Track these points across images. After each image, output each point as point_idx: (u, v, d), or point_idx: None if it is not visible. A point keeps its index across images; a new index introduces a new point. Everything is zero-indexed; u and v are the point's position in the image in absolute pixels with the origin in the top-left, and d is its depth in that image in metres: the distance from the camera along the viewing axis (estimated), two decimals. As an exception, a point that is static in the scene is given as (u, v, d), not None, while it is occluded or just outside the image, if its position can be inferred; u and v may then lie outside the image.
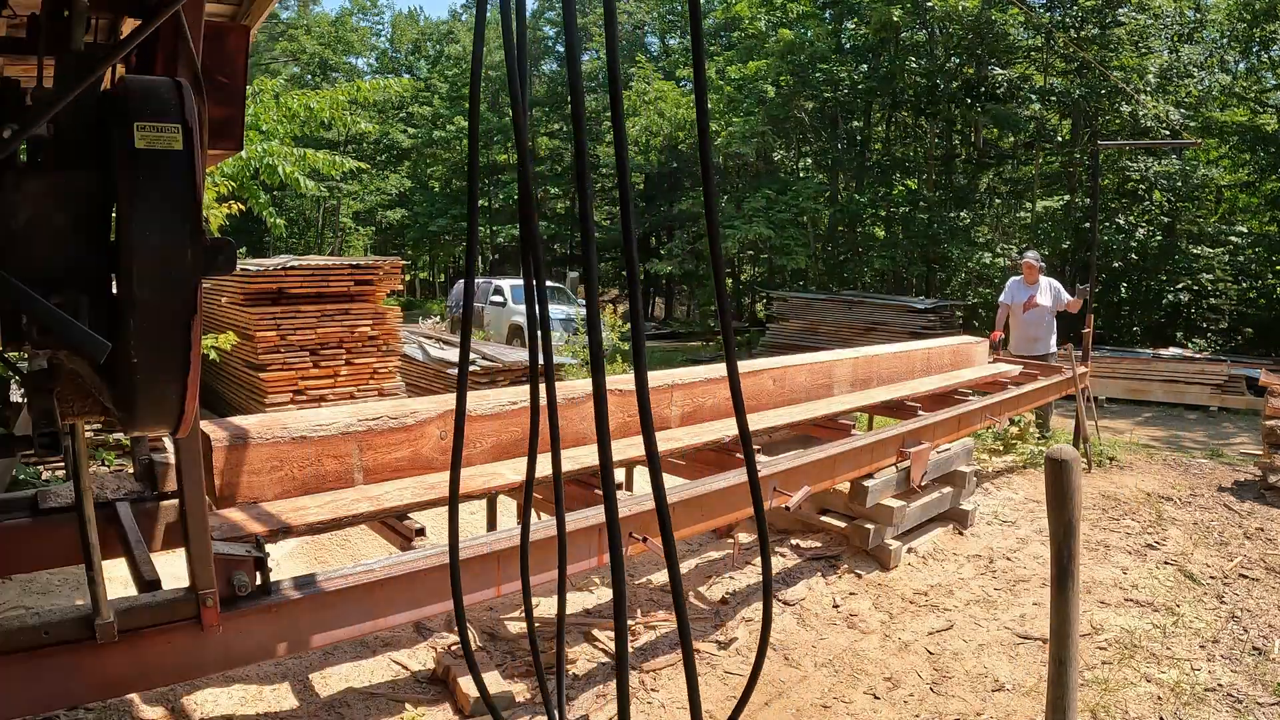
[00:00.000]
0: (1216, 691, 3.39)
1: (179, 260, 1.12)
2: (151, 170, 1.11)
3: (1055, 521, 2.19)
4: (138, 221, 1.09)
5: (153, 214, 1.10)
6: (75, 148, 1.21)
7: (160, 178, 1.11)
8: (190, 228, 1.13)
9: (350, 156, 9.31)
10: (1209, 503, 6.28)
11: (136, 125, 1.10)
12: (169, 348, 1.13)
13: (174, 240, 1.11)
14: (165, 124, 1.12)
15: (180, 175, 1.12)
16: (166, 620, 1.88)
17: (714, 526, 3.38)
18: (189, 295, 1.14)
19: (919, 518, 4.88)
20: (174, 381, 1.16)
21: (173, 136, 1.12)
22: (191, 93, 1.20)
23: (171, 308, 1.12)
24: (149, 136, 1.11)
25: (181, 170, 1.13)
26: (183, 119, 1.14)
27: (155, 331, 1.12)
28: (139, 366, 1.12)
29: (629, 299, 0.98)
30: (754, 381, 4.28)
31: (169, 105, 1.14)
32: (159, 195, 1.11)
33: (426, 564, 2.30)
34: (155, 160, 1.11)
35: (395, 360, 7.87)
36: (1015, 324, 8.09)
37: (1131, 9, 16.15)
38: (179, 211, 1.12)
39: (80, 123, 1.21)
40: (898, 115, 21.35)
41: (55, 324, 1.08)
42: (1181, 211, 16.77)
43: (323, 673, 3.15)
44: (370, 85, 8.88)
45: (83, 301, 1.14)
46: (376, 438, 2.69)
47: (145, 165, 1.10)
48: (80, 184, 1.17)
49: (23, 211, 1.12)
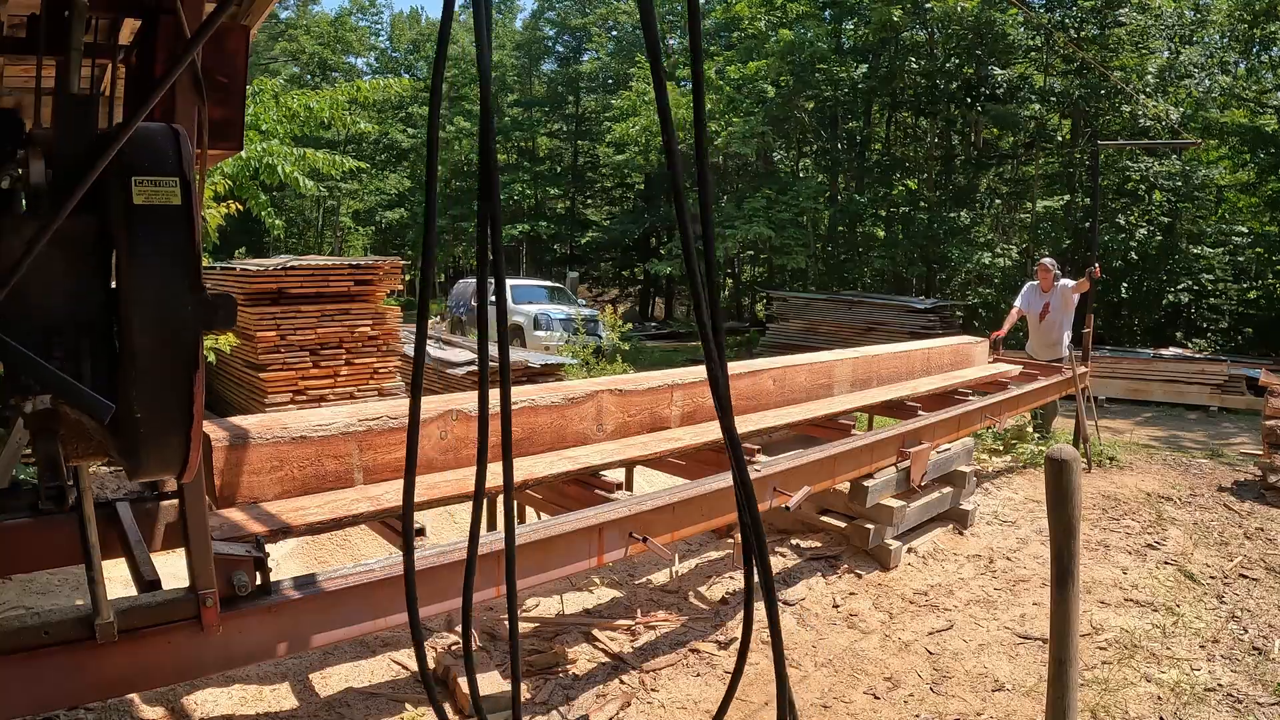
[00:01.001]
0: (1216, 691, 3.39)
1: (179, 317, 1.12)
2: (151, 226, 1.11)
3: (1055, 521, 2.19)
4: (137, 278, 1.10)
5: (152, 271, 1.11)
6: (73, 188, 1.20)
7: (160, 234, 1.12)
8: (190, 283, 1.13)
9: (350, 156, 9.32)
10: (1209, 503, 6.28)
11: (135, 180, 1.11)
12: (171, 402, 1.14)
13: (174, 297, 1.12)
14: (163, 178, 1.13)
15: (179, 231, 1.13)
16: (166, 620, 1.88)
17: (714, 526, 3.38)
18: (190, 351, 1.14)
19: (919, 518, 4.88)
20: (177, 433, 1.17)
21: (170, 191, 1.13)
22: (188, 141, 1.21)
23: (173, 363, 1.13)
24: (147, 191, 1.11)
25: (180, 226, 1.13)
26: (180, 172, 1.14)
27: (157, 387, 1.13)
28: (143, 420, 1.13)
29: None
30: (754, 381, 4.28)
31: (167, 158, 1.14)
32: (158, 251, 1.11)
33: (426, 564, 2.30)
34: (154, 216, 1.11)
35: (395, 360, 7.87)
36: (1034, 332, 8.09)
37: (1132, 9, 16.15)
38: (178, 267, 1.12)
39: (78, 165, 1.19)
40: (898, 115, 21.37)
41: (60, 388, 1.08)
42: (1181, 211, 16.78)
43: (323, 673, 3.15)
44: (370, 85, 8.89)
45: (84, 348, 1.14)
46: (376, 438, 2.69)
47: (144, 221, 1.11)
48: (80, 231, 1.16)
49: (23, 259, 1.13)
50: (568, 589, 4.04)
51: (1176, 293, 16.08)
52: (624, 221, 30.43)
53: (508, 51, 34.40)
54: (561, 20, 34.78)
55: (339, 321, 7.45)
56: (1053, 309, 7.83)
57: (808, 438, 4.51)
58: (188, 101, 1.90)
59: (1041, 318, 7.92)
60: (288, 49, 35.12)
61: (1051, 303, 7.83)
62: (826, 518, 4.76)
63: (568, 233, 32.44)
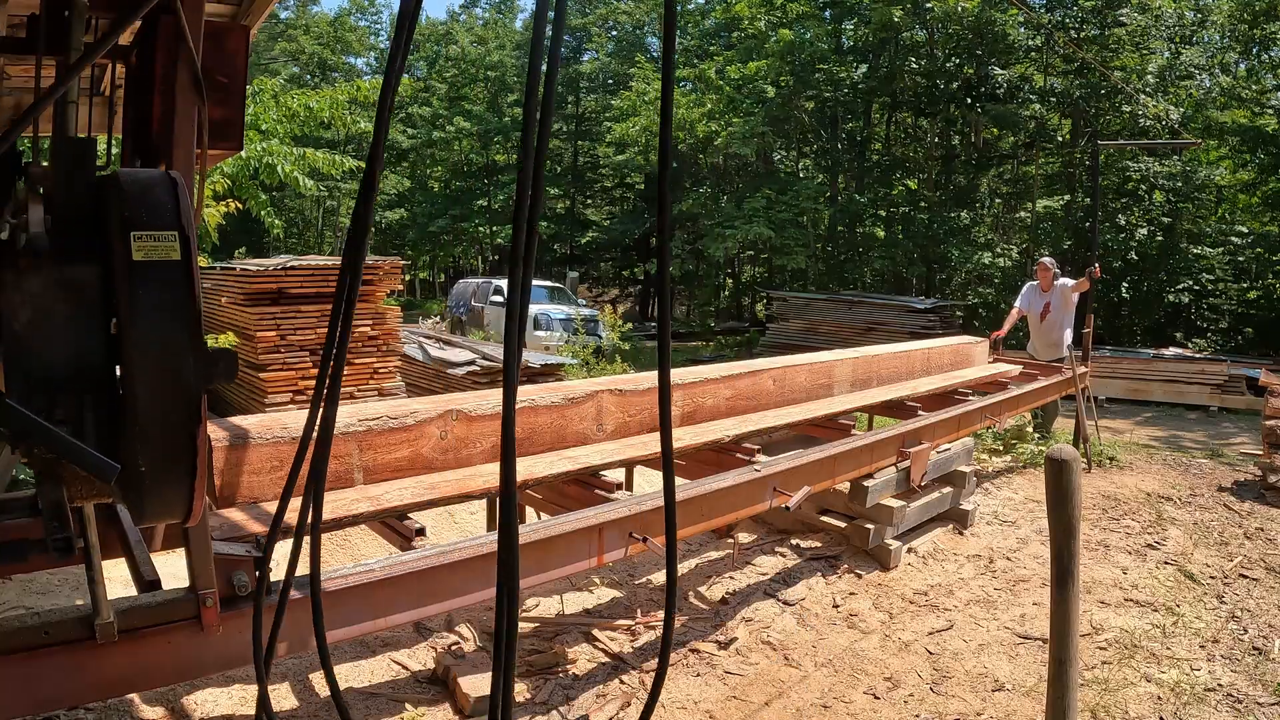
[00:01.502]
0: (1216, 691, 3.39)
1: (181, 372, 1.13)
2: (151, 282, 1.11)
3: (1055, 521, 2.19)
4: (139, 335, 1.10)
5: (154, 328, 1.11)
6: (73, 239, 1.20)
7: (160, 290, 1.12)
8: (191, 339, 1.14)
9: (350, 156, 9.32)
10: (1209, 503, 6.28)
11: (134, 236, 1.11)
12: (175, 456, 1.15)
13: (175, 353, 1.12)
14: (162, 232, 1.13)
15: (179, 287, 1.13)
16: (166, 620, 1.88)
17: (714, 526, 3.38)
18: (193, 406, 1.15)
19: (919, 518, 4.88)
20: (182, 484, 1.17)
21: (170, 246, 1.13)
22: (185, 189, 1.20)
23: (176, 419, 1.14)
24: (147, 247, 1.11)
25: (181, 281, 1.13)
26: (179, 226, 1.14)
27: (161, 442, 1.13)
28: (147, 473, 1.13)
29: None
30: (754, 381, 4.28)
31: (165, 211, 1.14)
32: (159, 308, 1.12)
33: (426, 564, 2.30)
34: (154, 272, 1.11)
35: (395, 360, 7.87)
36: (1034, 332, 8.10)
37: (1132, 9, 16.15)
38: (179, 323, 1.13)
39: (78, 213, 1.20)
40: (898, 115, 21.37)
41: (67, 451, 1.09)
42: (1181, 212, 16.78)
43: (323, 673, 3.15)
44: (369, 85, 8.89)
45: (87, 403, 1.15)
46: (376, 438, 2.69)
47: (144, 277, 1.11)
48: (80, 280, 1.16)
49: (24, 312, 1.12)
50: (568, 589, 4.04)
51: (1176, 293, 16.08)
52: (624, 221, 30.44)
53: (508, 51, 34.39)
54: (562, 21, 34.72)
55: (339, 321, 7.43)
56: (1053, 308, 7.84)
57: (808, 438, 4.51)
58: (188, 101, 1.90)
59: (1042, 317, 7.92)
60: (287, 49, 35.13)
61: (1052, 302, 7.83)
62: (826, 518, 4.76)
63: (568, 233, 32.45)
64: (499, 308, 16.60)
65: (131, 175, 1.18)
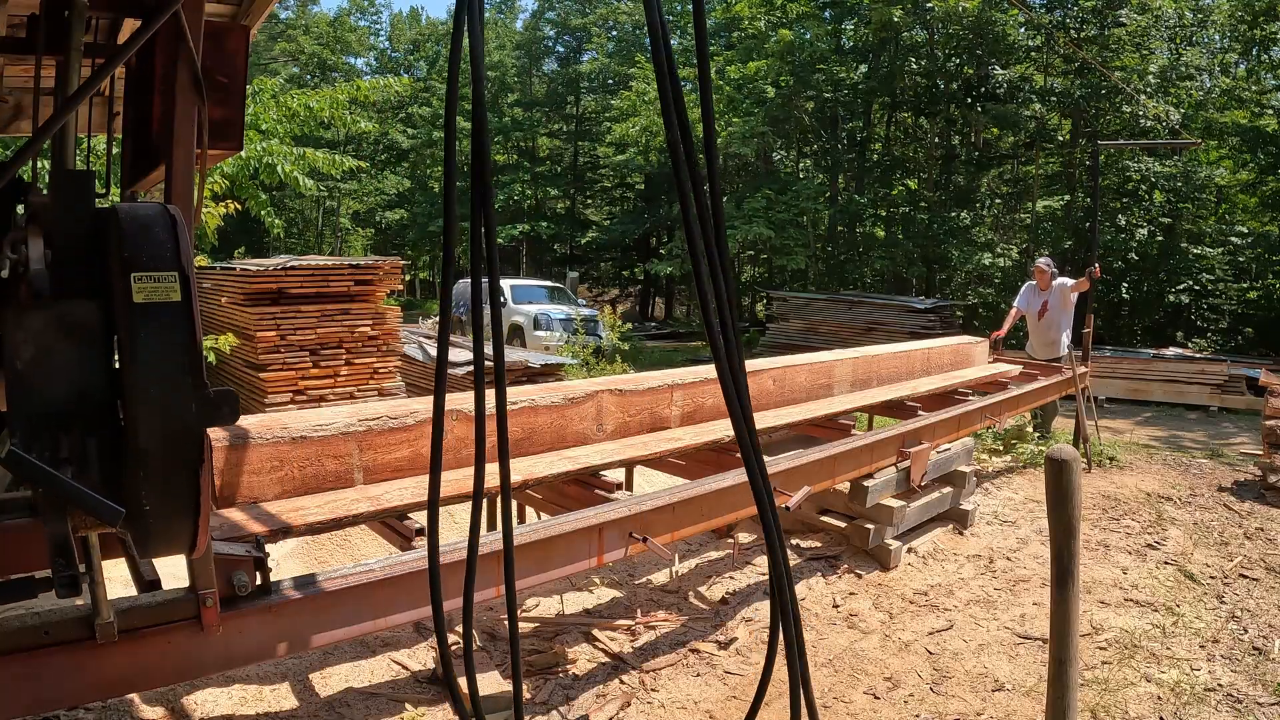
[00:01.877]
0: (1216, 691, 3.39)
1: (183, 414, 1.14)
2: (152, 325, 1.12)
3: (1055, 521, 2.19)
4: (141, 378, 1.11)
5: (155, 371, 1.12)
6: (74, 276, 1.20)
7: (161, 332, 1.12)
8: (192, 380, 1.14)
9: (350, 156, 9.33)
10: (1209, 503, 6.28)
11: (134, 277, 1.11)
12: (179, 495, 1.16)
13: (177, 395, 1.13)
14: (163, 273, 1.13)
15: (180, 329, 1.14)
16: (166, 620, 1.88)
17: (714, 526, 3.38)
18: (196, 447, 1.16)
19: (919, 518, 4.88)
20: (186, 522, 1.18)
21: (170, 288, 1.13)
22: (184, 224, 1.21)
23: (179, 460, 1.15)
24: (147, 289, 1.12)
25: (182, 323, 1.14)
26: (179, 266, 1.14)
27: (165, 482, 1.14)
28: (152, 512, 1.15)
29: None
30: (754, 381, 4.28)
31: (165, 251, 1.15)
32: (161, 351, 1.12)
33: (426, 564, 2.30)
34: (155, 314, 1.12)
35: (395, 360, 7.86)
36: (1033, 331, 8.11)
37: (1131, 9, 16.15)
38: (181, 365, 1.14)
39: (78, 249, 1.21)
40: (898, 115, 21.37)
41: (74, 498, 1.10)
42: (1182, 212, 16.78)
43: (323, 673, 3.15)
44: (369, 85, 8.89)
45: (91, 444, 1.16)
46: (376, 438, 2.69)
47: (146, 319, 1.11)
48: (82, 319, 1.17)
49: (27, 350, 1.13)
50: (568, 589, 4.04)
51: (1177, 293, 16.08)
52: (624, 222, 30.43)
53: (508, 51, 34.40)
54: (561, 20, 34.79)
55: (339, 321, 7.44)
56: (1051, 308, 7.84)
57: (808, 438, 4.51)
58: (188, 101, 1.90)
59: (1040, 316, 7.93)
60: (287, 49, 35.13)
61: (1049, 302, 7.84)
62: (826, 518, 4.76)
63: (568, 233, 32.45)
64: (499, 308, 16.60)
65: (130, 213, 1.18)
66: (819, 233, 20.71)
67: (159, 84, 2.23)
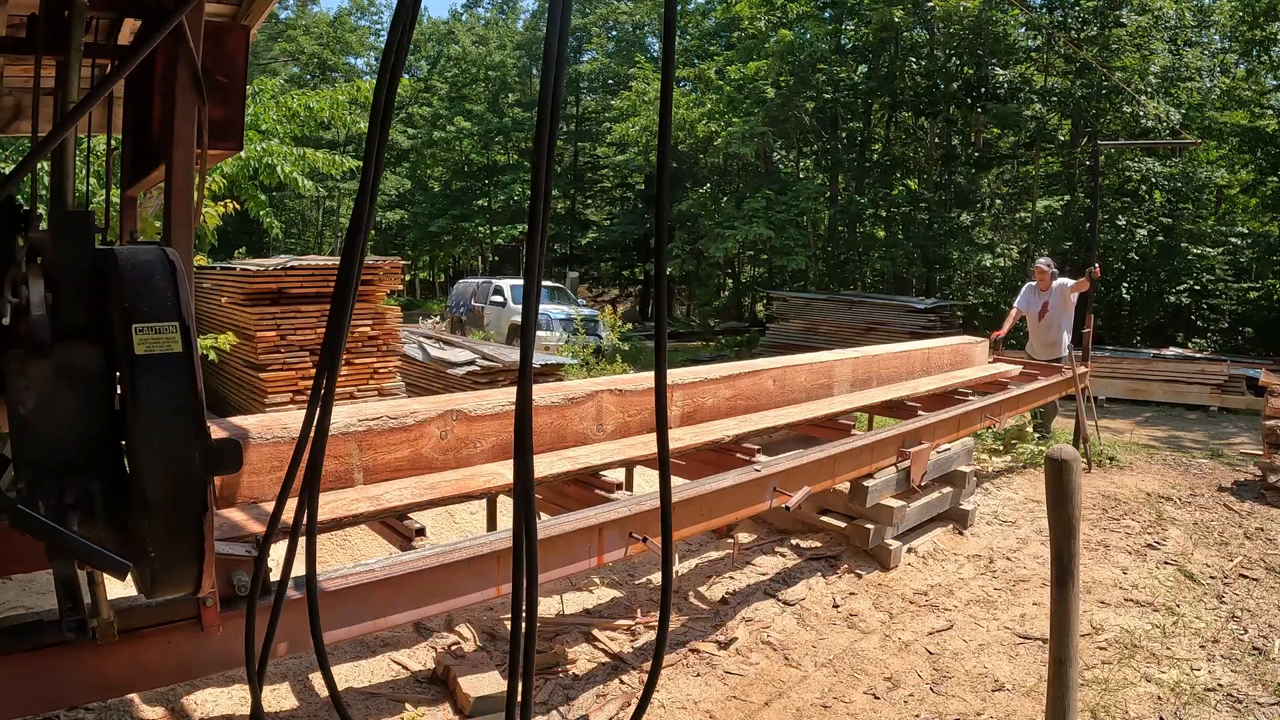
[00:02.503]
0: (1216, 691, 3.39)
1: (187, 465, 1.15)
2: (153, 376, 1.13)
3: (1055, 521, 2.19)
4: (143, 429, 1.12)
5: (158, 422, 1.13)
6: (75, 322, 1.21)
7: (163, 383, 1.13)
8: (195, 430, 1.16)
9: (350, 156, 9.32)
10: (1209, 503, 6.28)
11: (135, 329, 1.12)
12: (184, 541, 1.18)
13: (181, 446, 1.14)
14: (163, 324, 1.14)
15: (182, 379, 1.15)
16: (166, 620, 1.88)
17: (714, 526, 3.38)
18: (199, 494, 1.17)
19: (919, 518, 4.88)
20: (190, 564, 1.20)
21: (171, 339, 1.14)
22: (183, 271, 1.21)
23: (183, 508, 1.16)
24: (148, 340, 1.13)
25: (183, 374, 1.15)
26: (180, 316, 1.15)
27: (169, 530, 1.16)
28: (157, 558, 1.16)
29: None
30: (754, 381, 4.28)
31: (165, 302, 1.16)
32: (163, 402, 1.13)
33: (426, 564, 2.30)
34: (156, 365, 1.13)
35: (395, 360, 7.87)
36: (1033, 331, 8.11)
37: (1131, 9, 16.15)
38: (183, 416, 1.15)
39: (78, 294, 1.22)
40: (898, 115, 21.36)
41: (82, 555, 1.11)
42: (1182, 212, 16.79)
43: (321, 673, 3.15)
44: (369, 85, 8.88)
45: (95, 485, 1.17)
46: (376, 438, 2.69)
47: (147, 371, 1.12)
48: (84, 366, 1.18)
49: (29, 398, 1.14)
50: (568, 589, 4.04)
51: (1177, 294, 16.08)
52: (624, 222, 30.45)
53: (509, 51, 34.40)
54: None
55: (339, 321, 7.43)
56: (1051, 308, 7.85)
57: (808, 438, 4.51)
58: (188, 101, 1.90)
59: (1040, 316, 7.93)
60: (287, 49, 35.14)
61: (1050, 302, 7.84)
62: (826, 518, 4.76)
63: (568, 233, 32.46)
64: (499, 308, 16.62)
65: (130, 259, 1.18)
66: (819, 233, 20.71)
67: (159, 84, 2.23)
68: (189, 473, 1.15)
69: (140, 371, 1.12)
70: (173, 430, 1.14)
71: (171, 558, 1.17)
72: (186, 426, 1.15)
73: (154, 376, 1.12)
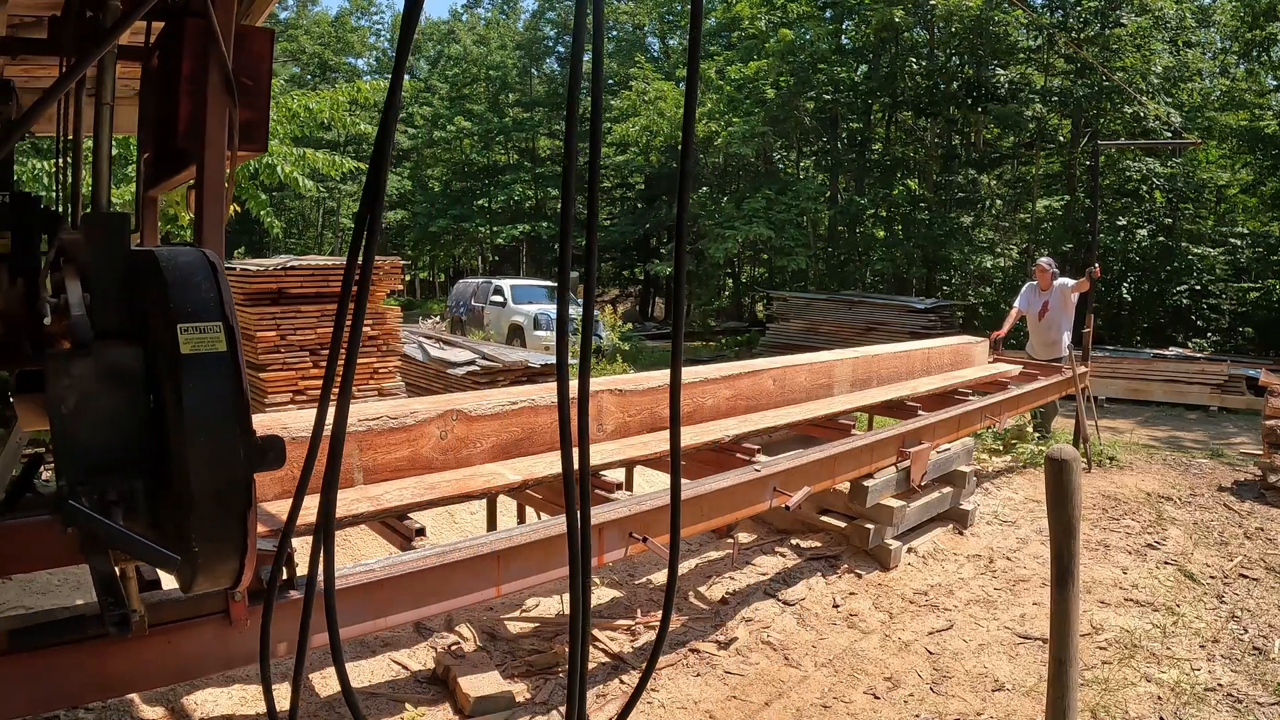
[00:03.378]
0: (1216, 691, 3.39)
1: (232, 462, 1.17)
2: (200, 375, 1.15)
3: (1055, 521, 2.19)
4: (191, 427, 1.14)
5: (205, 421, 1.15)
6: (115, 322, 1.23)
7: (209, 382, 1.15)
8: (240, 428, 1.18)
9: (350, 157, 9.33)
10: (1209, 503, 6.28)
11: (180, 328, 1.14)
12: (228, 537, 1.20)
13: (226, 443, 1.16)
14: (208, 324, 1.16)
15: (228, 377, 1.17)
16: (196, 614, 1.91)
17: (714, 526, 3.38)
18: (244, 491, 1.19)
19: (919, 518, 4.88)
20: (233, 561, 1.22)
21: (216, 338, 1.16)
22: (221, 269, 1.24)
23: (229, 504, 1.18)
24: (194, 340, 1.15)
25: (229, 372, 1.17)
26: (223, 316, 1.18)
27: (214, 526, 1.18)
28: (200, 553, 1.18)
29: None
30: (754, 381, 4.28)
31: (209, 303, 1.18)
32: (209, 401, 1.15)
33: (426, 564, 2.30)
34: (203, 365, 1.15)
35: (395, 360, 7.87)
36: (1033, 331, 8.12)
37: (1132, 9, 16.15)
38: (228, 413, 1.17)
39: (115, 291, 1.24)
40: (898, 116, 21.35)
41: (132, 549, 1.15)
42: (1182, 212, 16.78)
43: (323, 673, 3.15)
44: (370, 86, 8.89)
45: (138, 483, 1.19)
46: (376, 438, 2.69)
47: (194, 370, 1.14)
48: (125, 365, 1.20)
49: (72, 398, 1.16)
50: (568, 589, 4.04)
51: (1177, 294, 16.08)
52: (624, 222, 30.43)
53: (509, 51, 34.39)
54: (562, 20, 34.77)
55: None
56: (1051, 308, 7.85)
57: (808, 438, 4.51)
58: (219, 103, 1.91)
59: (1040, 316, 7.94)
60: (288, 49, 35.12)
61: (1050, 302, 7.85)
62: (826, 518, 4.76)
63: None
64: (499, 308, 16.62)
65: (171, 260, 1.20)
66: (819, 233, 20.70)
67: (185, 86, 2.23)
68: (234, 469, 1.17)
69: (187, 370, 1.13)
70: (219, 428, 1.16)
71: (215, 552, 1.19)
72: (232, 424, 1.17)
73: (200, 375, 1.14)
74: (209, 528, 1.17)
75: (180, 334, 1.13)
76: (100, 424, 1.17)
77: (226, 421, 1.16)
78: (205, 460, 1.14)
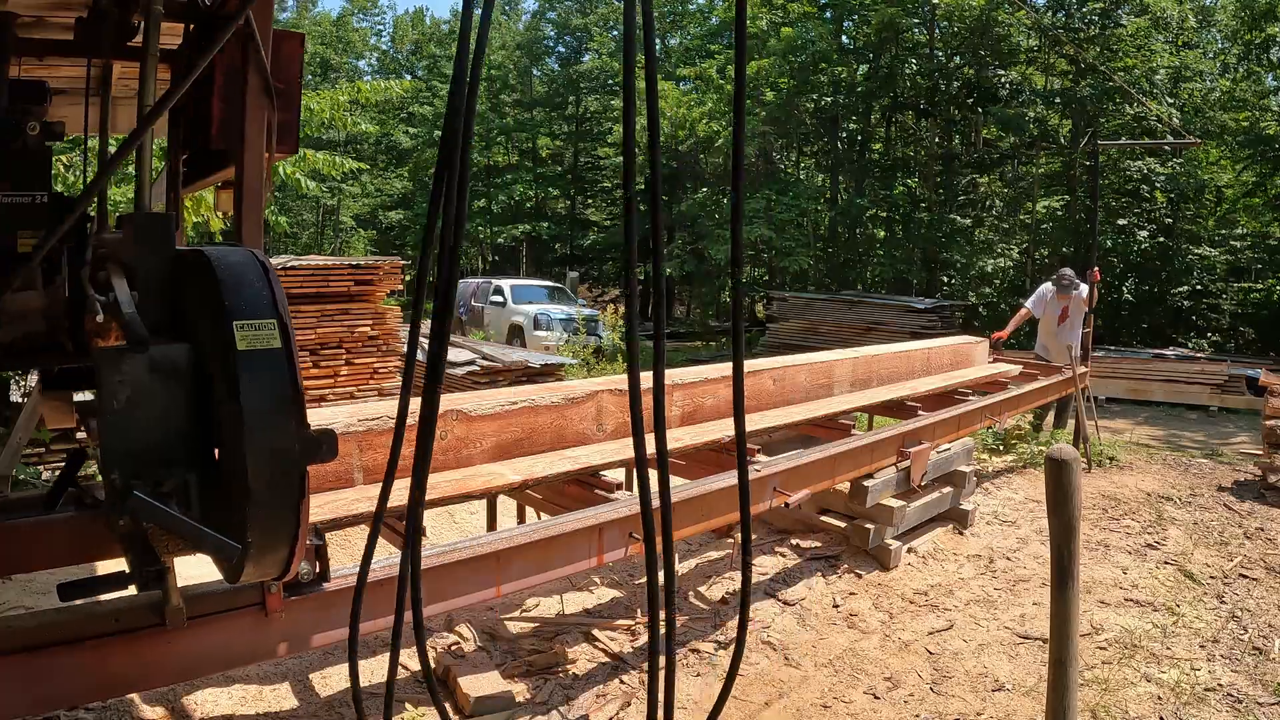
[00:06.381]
0: (1216, 691, 3.39)
1: (288, 454, 1.20)
2: (257, 371, 1.17)
3: (1055, 521, 2.19)
4: (249, 422, 1.16)
5: (263, 415, 1.17)
6: (162, 317, 1.27)
7: (266, 377, 1.18)
8: (296, 422, 1.21)
9: (350, 157, 9.33)
10: (1209, 503, 6.28)
11: (237, 326, 1.17)
12: (282, 528, 1.22)
13: (282, 437, 1.19)
14: (263, 321, 1.19)
15: (284, 373, 1.20)
16: (233, 606, 1.94)
17: (714, 526, 3.38)
18: (299, 483, 1.22)
19: (919, 518, 4.88)
20: (283, 549, 1.24)
21: (271, 335, 1.19)
22: (271, 267, 1.26)
23: (284, 496, 1.20)
24: (249, 336, 1.18)
25: (284, 368, 1.20)
26: (278, 314, 1.21)
27: (269, 517, 1.20)
28: (254, 544, 1.20)
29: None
30: (754, 381, 4.28)
31: (264, 301, 1.21)
32: (266, 396, 1.18)
33: (427, 564, 2.30)
34: (259, 361, 1.18)
35: (395, 360, 7.86)
36: (1052, 335, 8.17)
37: (1132, 9, 16.15)
38: (284, 407, 1.19)
39: (163, 290, 1.28)
40: (899, 116, 21.34)
41: (192, 537, 1.18)
42: (1182, 213, 16.78)
43: (323, 673, 3.15)
44: (371, 86, 8.89)
45: (191, 476, 1.23)
46: (376, 438, 2.69)
47: (251, 366, 1.17)
48: (177, 362, 1.23)
49: (125, 393, 1.19)
50: (568, 589, 4.05)
51: (1178, 296, 16.07)
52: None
53: (509, 52, 34.39)
54: (562, 20, 34.78)
55: (339, 321, 7.44)
56: (1071, 313, 7.97)
57: (808, 438, 4.51)
58: (258, 106, 1.94)
59: (1060, 320, 8.04)
60: (288, 49, 35.11)
61: (1070, 307, 7.96)
62: (826, 518, 4.76)
63: (568, 233, 32.44)
64: (499, 308, 16.63)
65: (223, 260, 1.23)
66: (820, 233, 20.69)
67: (220, 89, 2.25)
68: (289, 462, 1.20)
69: (243, 366, 1.16)
70: (275, 421, 1.18)
71: (268, 543, 1.21)
72: (287, 418, 1.19)
73: (257, 372, 1.17)
74: (265, 518, 1.19)
75: (237, 331, 1.16)
76: (153, 419, 1.20)
77: (283, 415, 1.19)
78: (263, 454, 1.17)
